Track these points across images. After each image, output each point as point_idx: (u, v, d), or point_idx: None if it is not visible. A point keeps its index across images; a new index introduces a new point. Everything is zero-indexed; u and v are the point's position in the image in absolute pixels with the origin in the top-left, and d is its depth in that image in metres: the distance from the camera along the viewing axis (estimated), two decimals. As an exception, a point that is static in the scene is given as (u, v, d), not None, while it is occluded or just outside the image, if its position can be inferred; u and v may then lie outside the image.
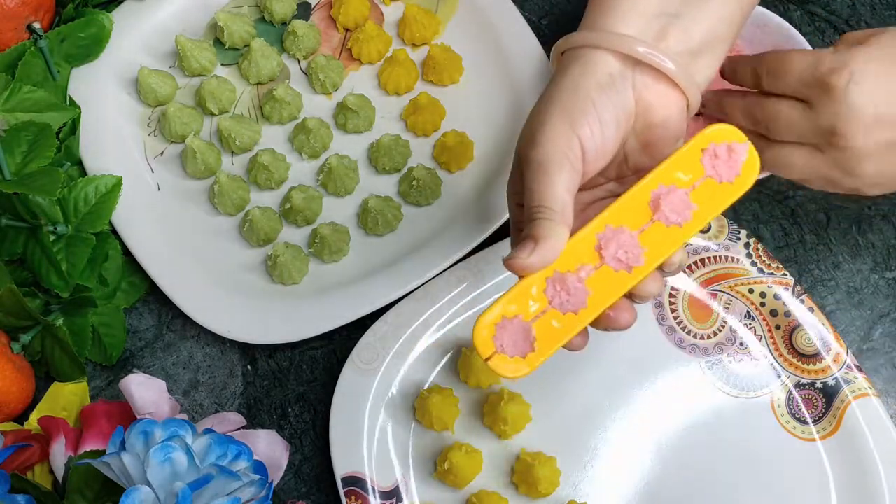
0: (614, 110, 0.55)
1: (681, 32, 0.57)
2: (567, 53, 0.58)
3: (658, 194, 0.54)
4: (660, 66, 0.55)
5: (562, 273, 0.53)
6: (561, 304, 0.53)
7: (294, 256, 0.71)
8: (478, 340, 0.53)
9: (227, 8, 0.80)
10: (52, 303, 0.71)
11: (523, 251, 0.52)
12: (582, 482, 0.67)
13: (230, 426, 0.65)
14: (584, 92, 0.55)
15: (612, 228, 0.54)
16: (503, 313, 0.53)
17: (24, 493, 0.59)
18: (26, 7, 0.75)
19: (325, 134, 0.75)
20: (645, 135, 0.57)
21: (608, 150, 0.55)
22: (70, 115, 0.75)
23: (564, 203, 0.53)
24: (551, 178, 0.53)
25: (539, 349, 0.53)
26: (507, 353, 0.53)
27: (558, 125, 0.54)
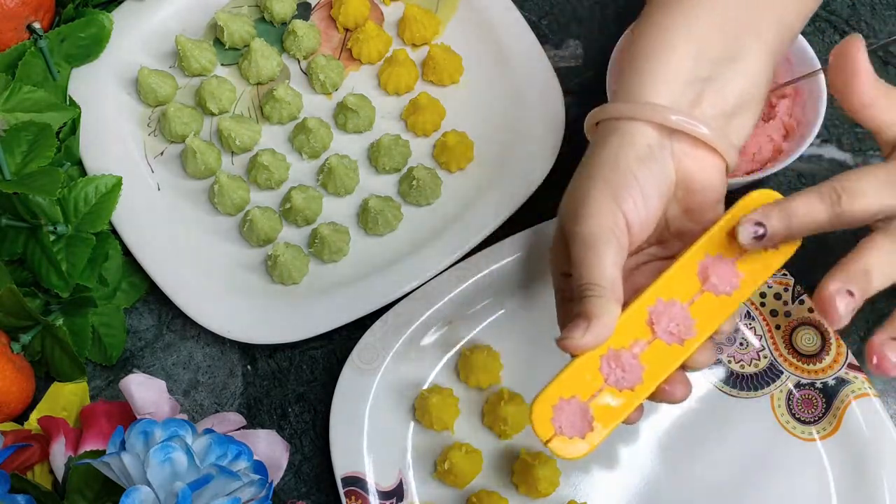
0: (656, 181, 0.56)
1: (714, 96, 0.57)
2: (603, 124, 0.58)
3: (706, 264, 0.55)
4: (694, 132, 0.56)
5: (616, 350, 0.53)
6: (617, 382, 0.53)
7: (294, 256, 0.71)
8: (537, 423, 0.53)
9: (227, 8, 0.80)
10: (52, 303, 0.71)
11: (577, 331, 0.52)
12: (582, 482, 0.67)
13: (230, 426, 0.65)
14: (625, 165, 0.55)
15: (662, 302, 0.54)
16: (560, 394, 0.53)
17: (24, 493, 0.59)
18: (26, 7, 0.75)
19: (325, 134, 0.75)
20: (686, 201, 0.58)
21: (651, 221, 0.56)
22: (70, 115, 0.75)
23: (614, 279, 0.53)
24: (599, 254, 0.53)
25: (597, 428, 0.53)
26: (567, 434, 0.53)
27: (602, 200, 0.55)
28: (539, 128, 0.74)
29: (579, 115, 0.77)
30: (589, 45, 0.80)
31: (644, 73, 0.58)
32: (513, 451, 0.68)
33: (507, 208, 0.72)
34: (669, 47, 0.57)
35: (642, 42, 0.59)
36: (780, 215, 0.53)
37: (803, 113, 0.71)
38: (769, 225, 0.53)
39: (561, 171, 0.75)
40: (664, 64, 0.57)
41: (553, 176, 0.74)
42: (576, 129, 0.77)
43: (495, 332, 0.70)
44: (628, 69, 0.59)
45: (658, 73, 0.57)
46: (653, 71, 0.57)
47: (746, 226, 0.53)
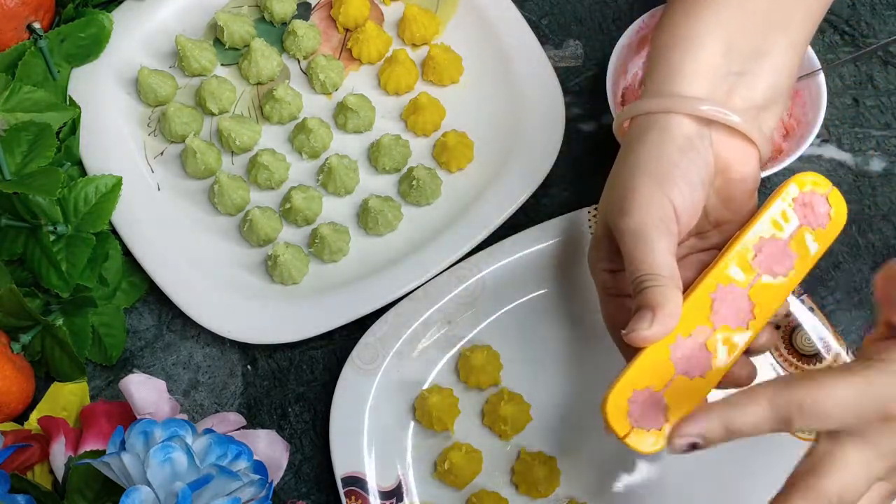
0: (698, 169, 0.56)
1: (745, 90, 0.58)
2: (637, 120, 0.59)
3: (759, 248, 0.56)
4: (727, 121, 0.56)
5: (683, 338, 0.54)
6: (687, 371, 0.54)
7: (294, 256, 0.71)
8: (612, 418, 0.52)
9: (227, 8, 0.80)
10: (52, 303, 0.71)
11: (642, 322, 0.52)
12: (582, 482, 0.67)
13: (230, 426, 0.65)
14: (668, 157, 0.56)
15: (723, 287, 0.55)
16: (633, 386, 0.53)
17: (24, 493, 0.59)
18: (26, 7, 0.75)
19: (325, 134, 0.75)
20: (724, 190, 0.58)
21: (698, 208, 0.57)
22: (70, 115, 0.75)
23: (671, 267, 0.53)
24: (652, 244, 0.54)
25: (672, 419, 0.53)
26: (644, 428, 0.53)
27: (648, 191, 0.55)
28: (539, 128, 0.74)
29: (579, 115, 0.77)
30: (589, 45, 0.79)
31: (675, 66, 0.58)
32: (513, 451, 0.68)
33: (506, 208, 0.72)
34: (699, 41, 0.58)
35: (671, 34, 0.59)
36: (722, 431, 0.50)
37: (803, 113, 0.71)
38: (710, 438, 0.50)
39: (561, 171, 0.75)
40: (695, 58, 0.58)
41: (553, 176, 0.74)
42: (576, 129, 0.77)
43: (495, 332, 0.70)
44: (659, 62, 0.59)
45: (690, 67, 0.58)
46: (684, 64, 0.58)
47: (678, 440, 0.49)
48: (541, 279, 0.71)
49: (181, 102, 0.76)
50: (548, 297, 0.71)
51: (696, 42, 0.58)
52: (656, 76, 0.59)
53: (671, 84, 0.58)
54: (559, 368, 0.69)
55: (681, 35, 0.59)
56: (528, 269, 0.71)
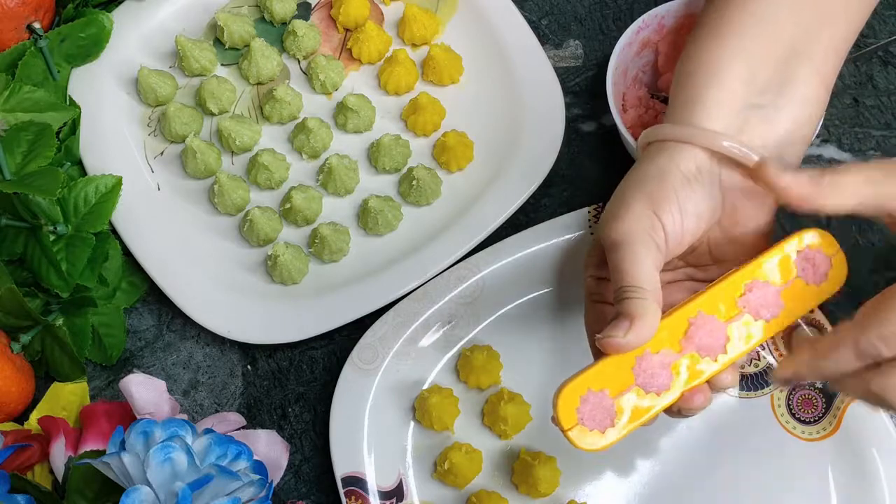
0: (696, 203, 0.56)
1: (765, 124, 0.57)
2: (654, 145, 0.58)
3: (751, 288, 0.55)
4: (743, 159, 0.55)
5: (651, 354, 0.54)
6: (645, 384, 0.54)
7: (294, 256, 0.71)
8: (561, 411, 0.53)
9: (227, 8, 0.80)
10: (52, 303, 0.71)
11: (618, 330, 0.52)
12: (582, 482, 0.67)
13: (230, 426, 0.65)
14: (670, 182, 0.56)
15: (703, 315, 0.55)
16: (589, 386, 0.54)
17: (24, 493, 0.59)
18: (26, 7, 0.75)
19: (325, 134, 0.75)
20: (732, 230, 0.58)
21: (686, 241, 0.56)
22: (70, 115, 0.75)
23: (654, 281, 0.53)
24: (638, 256, 0.54)
25: (619, 425, 0.54)
26: (588, 426, 0.53)
27: (640, 208, 0.55)
28: (539, 128, 0.74)
29: (579, 115, 0.77)
30: (589, 45, 0.80)
31: (696, 95, 0.57)
32: (513, 451, 0.68)
33: (506, 208, 0.72)
34: (722, 71, 0.57)
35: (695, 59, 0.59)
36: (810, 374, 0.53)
37: (803, 113, 0.70)
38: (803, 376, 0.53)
39: (561, 171, 0.75)
40: (717, 89, 0.57)
41: (553, 176, 0.74)
42: (576, 129, 0.77)
43: (495, 332, 0.70)
44: (681, 88, 0.59)
45: (710, 96, 0.57)
46: (705, 93, 0.57)
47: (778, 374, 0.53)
48: (541, 279, 0.71)
49: (181, 102, 0.76)
50: (548, 297, 0.71)
51: (719, 69, 0.57)
52: (676, 103, 0.59)
53: (691, 113, 0.57)
54: (559, 368, 0.69)
55: (704, 61, 0.58)
56: (528, 269, 0.71)
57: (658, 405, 0.54)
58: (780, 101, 0.57)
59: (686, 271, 0.60)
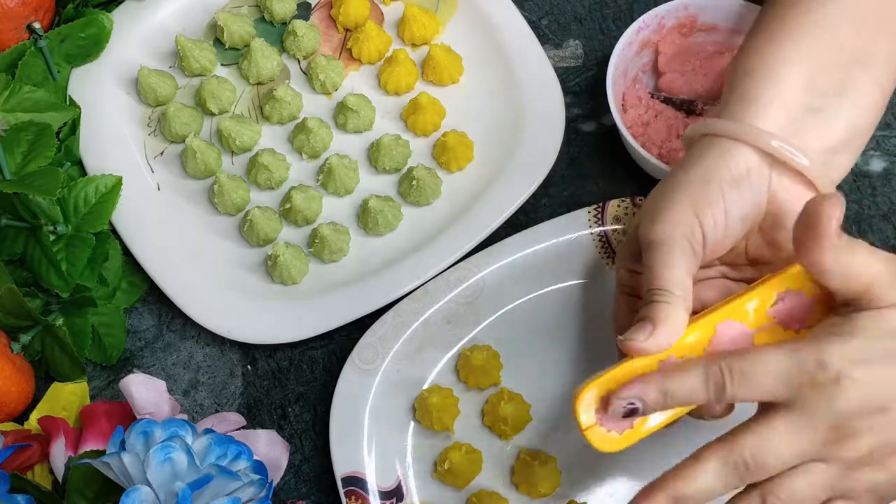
0: (743, 206, 0.55)
1: (821, 129, 0.56)
2: (704, 139, 0.57)
3: (783, 297, 0.54)
4: (794, 162, 0.54)
5: (675, 358, 0.53)
6: None
7: (294, 256, 0.71)
8: (580, 410, 0.53)
9: (227, 8, 0.80)
10: (52, 303, 0.71)
11: (640, 333, 0.52)
12: (582, 482, 0.67)
13: (230, 426, 0.65)
14: (717, 184, 0.55)
15: (731, 322, 0.54)
16: (609, 387, 0.53)
17: (24, 493, 0.59)
18: (26, 7, 0.75)
19: (325, 134, 0.75)
20: (772, 233, 0.57)
21: (727, 243, 0.55)
22: (70, 115, 0.75)
23: (685, 287, 0.53)
24: (673, 260, 0.53)
25: (637, 429, 0.53)
26: (606, 427, 0.53)
27: (682, 210, 0.54)
28: (539, 128, 0.74)
29: (579, 115, 0.77)
30: (589, 45, 0.80)
31: (754, 95, 0.56)
32: (513, 451, 0.68)
33: (506, 208, 0.72)
34: (781, 70, 0.56)
35: (753, 58, 0.58)
36: (658, 395, 0.51)
37: (803, 113, 0.70)
38: (647, 402, 0.51)
39: (561, 171, 0.75)
40: (775, 89, 0.56)
41: (553, 176, 0.74)
42: (576, 129, 0.77)
43: (495, 332, 0.70)
44: (737, 86, 0.57)
45: (767, 95, 0.56)
46: (762, 92, 0.56)
47: (617, 402, 0.51)
48: (541, 279, 0.71)
49: (181, 102, 0.76)
50: (548, 296, 0.71)
51: (778, 71, 0.56)
52: (732, 99, 0.57)
53: (746, 111, 0.56)
54: (559, 368, 0.69)
55: (763, 61, 0.57)
56: (528, 269, 0.70)
57: (680, 411, 0.54)
58: (839, 106, 0.56)
59: (720, 269, 0.60)
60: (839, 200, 0.50)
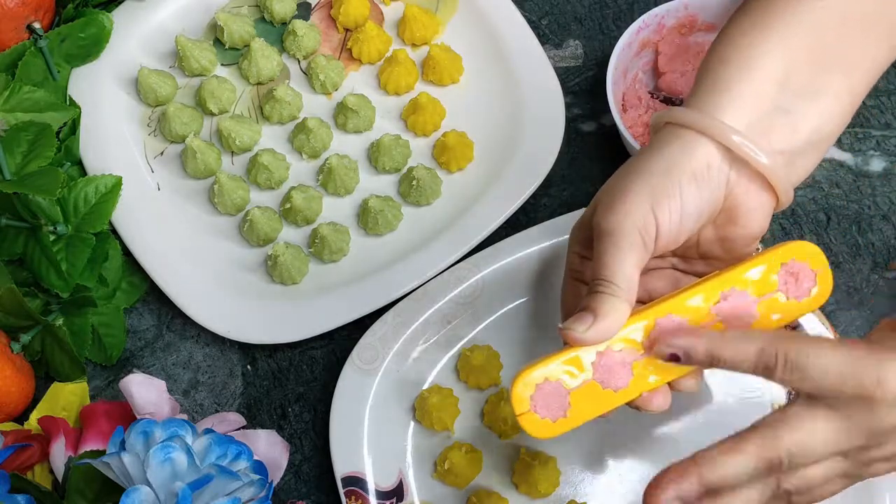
0: (700, 202, 0.54)
1: (788, 130, 0.55)
2: (669, 128, 0.56)
3: (727, 296, 0.54)
4: (754, 160, 0.54)
5: (614, 350, 0.53)
6: (603, 380, 0.53)
7: (294, 256, 0.71)
8: (515, 395, 0.53)
9: (227, 8, 0.80)
10: (52, 303, 0.71)
11: (580, 324, 0.52)
12: (582, 482, 0.67)
13: (230, 426, 0.65)
14: (676, 177, 0.54)
15: (672, 317, 0.54)
16: (545, 375, 0.53)
17: (24, 493, 0.59)
18: (26, 7, 0.75)
19: (325, 134, 0.75)
20: (724, 229, 0.56)
21: (681, 238, 0.55)
22: (70, 115, 0.75)
23: (631, 281, 0.52)
24: (622, 253, 0.53)
25: (570, 417, 0.53)
26: (539, 414, 0.53)
27: (639, 201, 0.54)
28: (539, 128, 0.74)
29: (579, 115, 0.77)
30: (589, 45, 0.80)
31: (724, 86, 0.55)
32: (513, 451, 0.68)
33: (506, 208, 0.72)
34: (758, 63, 0.56)
35: (731, 44, 0.57)
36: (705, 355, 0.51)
37: (803, 113, 0.70)
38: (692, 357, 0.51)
39: (561, 171, 0.75)
40: (748, 82, 0.55)
41: (553, 176, 0.74)
42: (576, 129, 0.77)
43: (495, 332, 0.70)
44: (709, 76, 0.57)
45: (738, 91, 0.55)
46: (735, 86, 0.55)
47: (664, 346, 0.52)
48: (541, 279, 0.71)
49: (181, 102, 0.76)
50: (548, 297, 0.71)
51: (753, 63, 0.56)
52: (702, 87, 0.56)
53: (714, 102, 0.55)
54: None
55: (740, 50, 0.56)
56: (527, 269, 0.70)
57: (612, 403, 0.54)
58: (809, 109, 0.56)
59: (671, 260, 0.59)
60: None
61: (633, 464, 0.68)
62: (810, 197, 0.74)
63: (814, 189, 0.75)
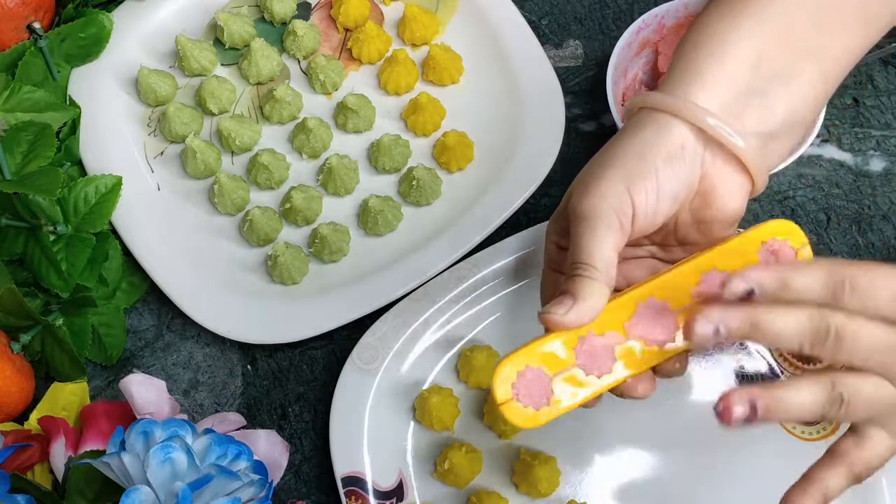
0: (676, 184, 0.54)
1: (761, 111, 0.55)
2: (643, 112, 0.56)
3: (707, 277, 0.53)
4: (728, 142, 0.54)
5: (595, 335, 0.53)
6: (585, 366, 0.53)
7: (294, 256, 0.71)
8: (496, 384, 0.52)
9: (227, 8, 0.80)
10: (52, 303, 0.71)
11: (560, 307, 0.51)
12: (582, 482, 0.67)
13: (230, 426, 0.65)
14: (651, 159, 0.54)
15: (654, 301, 0.53)
16: (527, 362, 0.52)
17: (24, 493, 0.59)
18: (26, 7, 0.75)
19: (325, 134, 0.75)
20: (701, 213, 0.56)
21: (658, 219, 0.55)
22: (70, 115, 0.75)
23: (609, 263, 0.52)
24: (599, 235, 0.52)
25: (553, 404, 0.52)
26: (522, 402, 0.52)
27: (615, 183, 0.53)
28: (539, 128, 0.74)
29: (579, 115, 0.77)
30: (589, 45, 0.80)
31: (697, 69, 0.55)
32: (513, 451, 0.68)
33: (506, 208, 0.72)
34: (731, 48, 0.55)
35: (703, 31, 0.57)
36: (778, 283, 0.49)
37: (803, 113, 0.70)
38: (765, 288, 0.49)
39: (561, 171, 0.75)
40: (720, 65, 0.55)
41: (553, 176, 0.74)
42: (576, 129, 0.77)
43: (495, 332, 0.70)
44: (682, 61, 0.57)
45: (711, 74, 0.55)
46: (707, 68, 0.55)
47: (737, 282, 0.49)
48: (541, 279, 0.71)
49: (181, 102, 0.76)
50: (548, 297, 0.71)
51: (727, 46, 0.56)
52: (676, 72, 0.56)
53: (687, 85, 0.55)
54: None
55: (713, 34, 0.56)
56: (528, 269, 0.70)
57: (595, 389, 0.53)
58: (782, 92, 0.56)
59: (649, 249, 0.59)
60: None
61: (633, 464, 0.68)
62: (810, 197, 0.74)
63: (814, 189, 0.75)
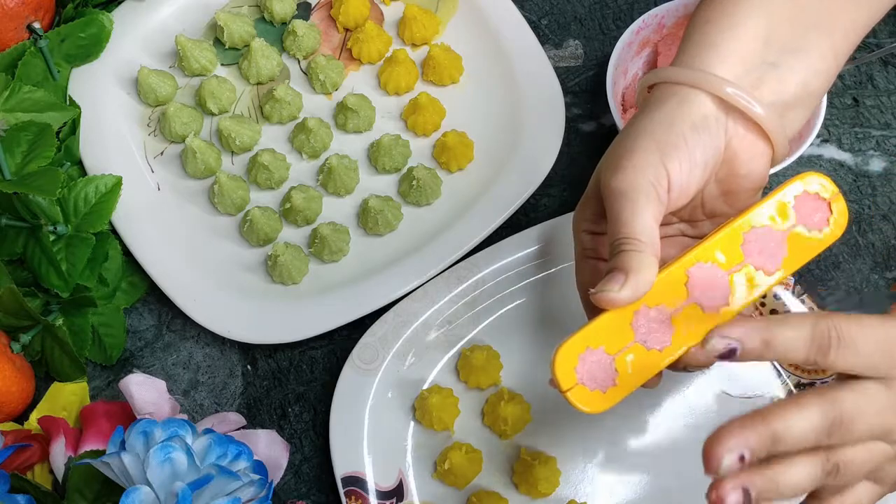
0: (705, 151, 0.55)
1: (776, 83, 0.56)
2: (660, 87, 0.57)
3: (750, 236, 0.54)
4: (749, 110, 0.55)
5: (649, 307, 0.52)
6: (645, 340, 0.52)
7: (294, 256, 0.71)
8: (559, 371, 0.51)
9: (227, 8, 0.80)
10: (52, 303, 0.71)
11: (613, 284, 0.51)
12: (582, 482, 0.67)
13: (230, 426, 0.65)
14: (679, 128, 0.54)
15: (702, 265, 0.53)
16: (587, 344, 0.52)
17: (24, 493, 0.60)
18: (26, 7, 0.75)
19: (325, 134, 0.76)
20: (727, 183, 0.57)
21: (692, 190, 0.55)
22: (70, 115, 0.75)
23: (653, 233, 0.52)
24: (639, 207, 0.52)
25: (620, 384, 0.52)
26: (588, 386, 0.51)
27: (648, 155, 0.53)
28: (539, 128, 0.74)
29: (579, 115, 0.77)
30: (589, 45, 0.80)
31: (711, 43, 0.56)
32: (513, 451, 0.68)
33: (507, 208, 0.72)
34: (741, 21, 0.56)
35: (714, 8, 0.57)
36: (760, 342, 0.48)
37: (803, 113, 0.70)
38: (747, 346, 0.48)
39: (561, 171, 0.75)
40: (734, 39, 0.56)
41: (553, 176, 0.74)
42: (576, 129, 0.77)
43: (495, 332, 0.70)
44: (696, 35, 0.57)
45: (726, 46, 0.56)
46: (721, 41, 0.56)
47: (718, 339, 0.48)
48: (541, 279, 0.71)
49: (181, 102, 0.76)
50: (548, 297, 0.71)
51: (739, 21, 0.56)
52: (690, 47, 0.57)
53: (703, 58, 0.56)
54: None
55: (724, 11, 0.57)
56: (527, 269, 0.70)
57: (661, 361, 0.52)
58: (794, 63, 0.56)
59: (679, 227, 0.59)
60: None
61: (633, 464, 0.68)
62: (810, 197, 0.74)
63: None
